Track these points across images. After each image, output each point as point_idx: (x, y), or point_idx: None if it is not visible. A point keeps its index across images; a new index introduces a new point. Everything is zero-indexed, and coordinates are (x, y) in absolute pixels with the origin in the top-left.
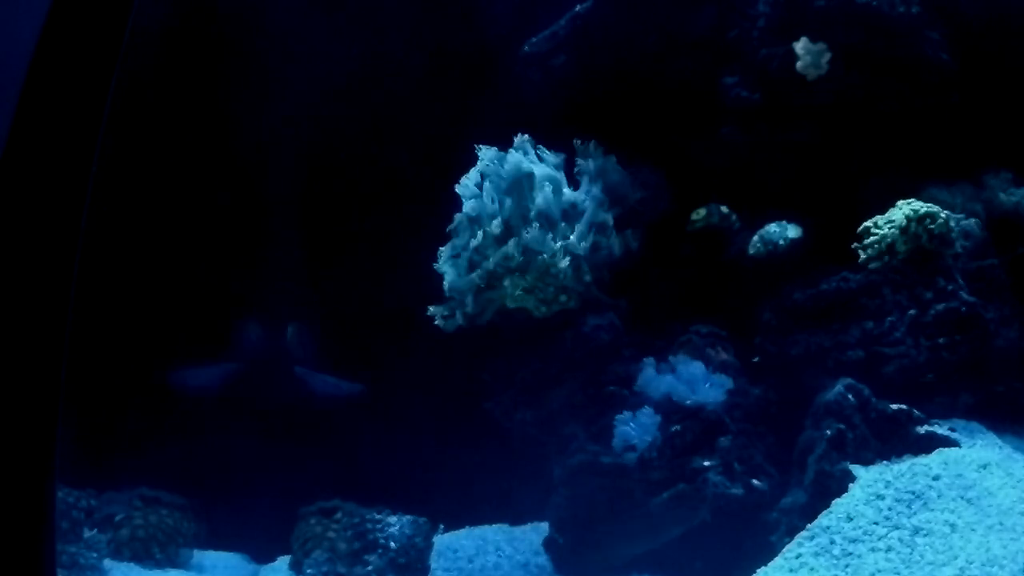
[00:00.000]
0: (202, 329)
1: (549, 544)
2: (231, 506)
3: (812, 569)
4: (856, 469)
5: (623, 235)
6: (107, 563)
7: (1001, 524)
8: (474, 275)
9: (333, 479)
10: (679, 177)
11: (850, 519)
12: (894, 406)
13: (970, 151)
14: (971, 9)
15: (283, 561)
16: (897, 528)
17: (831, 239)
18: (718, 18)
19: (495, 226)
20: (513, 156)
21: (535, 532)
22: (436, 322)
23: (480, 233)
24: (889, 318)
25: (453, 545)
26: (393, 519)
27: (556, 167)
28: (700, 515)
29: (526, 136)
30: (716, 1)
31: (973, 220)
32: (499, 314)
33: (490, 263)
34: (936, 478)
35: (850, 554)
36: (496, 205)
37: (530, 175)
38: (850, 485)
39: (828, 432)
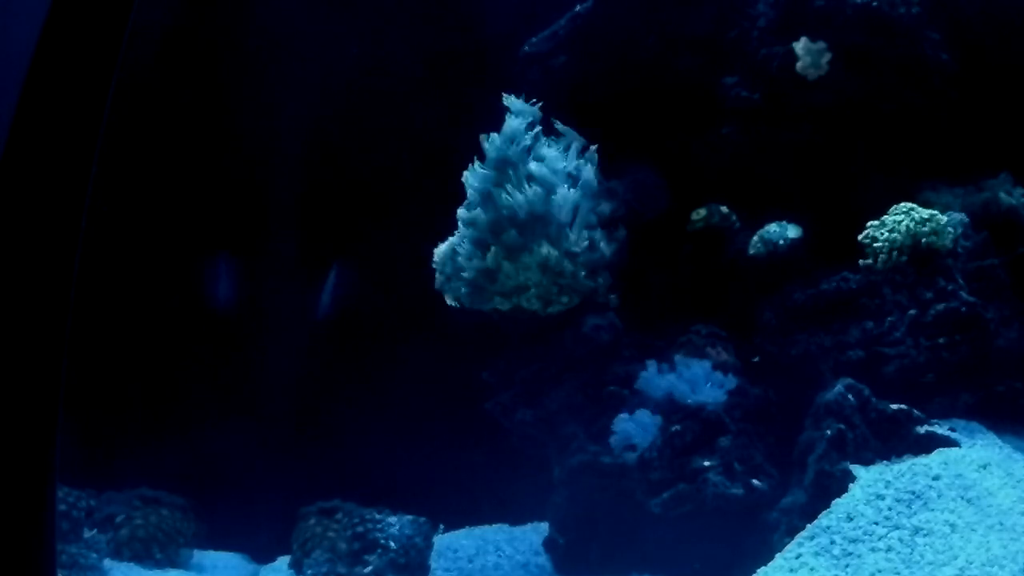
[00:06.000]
0: (202, 329)
1: (549, 544)
2: (231, 506)
3: (812, 569)
4: (856, 469)
5: (614, 233)
6: (107, 563)
7: (1001, 524)
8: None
9: (333, 479)
10: (679, 177)
11: (850, 519)
12: (894, 406)
13: (970, 151)
14: (971, 9)
15: (283, 561)
16: (897, 528)
17: (831, 239)
18: (718, 18)
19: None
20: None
21: (535, 532)
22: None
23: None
24: (889, 318)
25: (453, 545)
26: (393, 519)
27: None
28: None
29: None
30: (716, 1)
31: (972, 220)
32: (499, 314)
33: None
34: (936, 478)
35: (850, 554)
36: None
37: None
38: (850, 485)
39: (828, 432)
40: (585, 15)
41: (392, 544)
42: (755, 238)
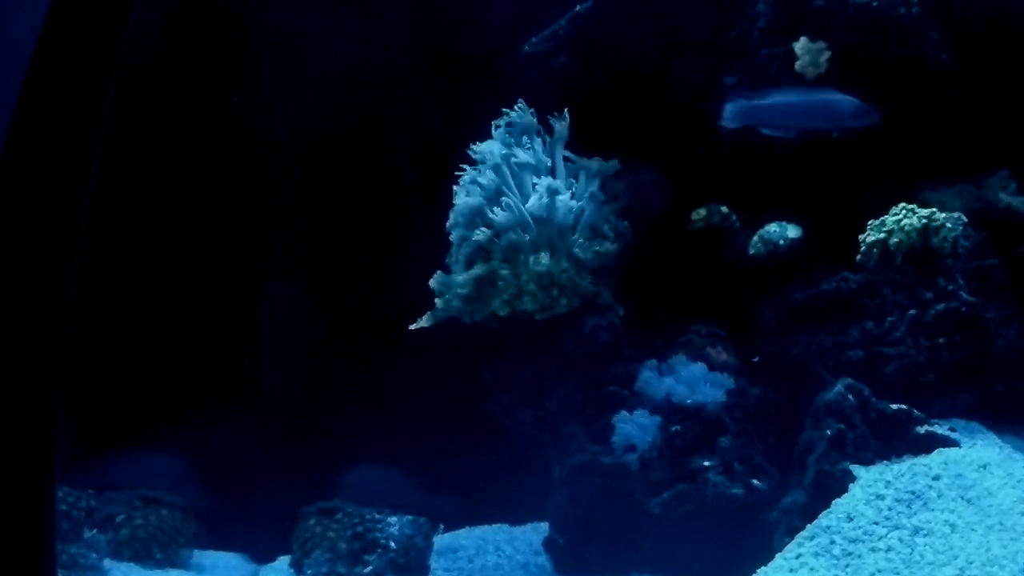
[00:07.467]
0: (202, 329)
1: (549, 544)
2: (231, 506)
3: (812, 569)
4: (856, 469)
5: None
6: (107, 563)
7: (1001, 524)
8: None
9: (333, 479)
10: (679, 177)
11: (850, 519)
12: (894, 406)
13: (970, 151)
14: (971, 9)
15: (283, 561)
16: (897, 528)
17: (831, 239)
18: (718, 18)
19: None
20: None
21: (535, 532)
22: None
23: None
24: (889, 318)
25: (453, 545)
26: (393, 519)
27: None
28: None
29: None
30: (716, 1)
31: (972, 220)
32: (497, 318)
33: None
34: (936, 478)
35: (850, 554)
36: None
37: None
38: (850, 485)
39: (828, 432)
40: (585, 15)
41: (392, 544)
42: (755, 238)
